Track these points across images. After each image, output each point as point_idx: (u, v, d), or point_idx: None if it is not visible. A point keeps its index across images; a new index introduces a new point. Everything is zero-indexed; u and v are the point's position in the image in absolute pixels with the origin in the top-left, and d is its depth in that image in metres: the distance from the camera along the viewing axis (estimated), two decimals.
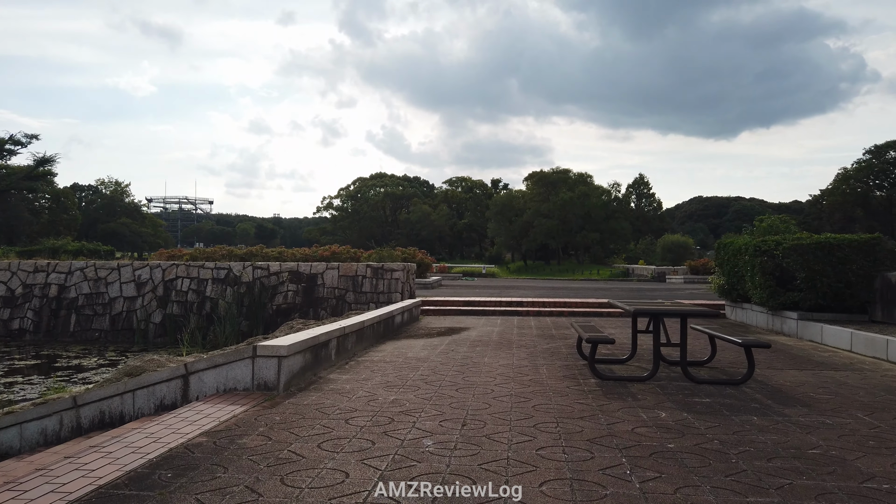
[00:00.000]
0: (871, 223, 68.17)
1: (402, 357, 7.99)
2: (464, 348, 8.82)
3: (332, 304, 14.25)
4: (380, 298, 14.21)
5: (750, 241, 11.93)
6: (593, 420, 4.78)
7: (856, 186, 70.67)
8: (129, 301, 14.78)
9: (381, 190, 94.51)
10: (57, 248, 38.82)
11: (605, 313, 14.32)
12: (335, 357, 7.34)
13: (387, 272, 14.34)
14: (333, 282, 14.40)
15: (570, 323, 11.87)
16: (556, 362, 7.62)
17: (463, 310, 14.49)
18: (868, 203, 69.96)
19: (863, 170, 71.35)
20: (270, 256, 20.50)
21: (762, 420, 4.86)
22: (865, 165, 71.35)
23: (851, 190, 70.43)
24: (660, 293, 21.43)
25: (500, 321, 12.91)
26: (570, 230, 55.71)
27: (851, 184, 70.83)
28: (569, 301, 15.46)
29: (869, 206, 70.07)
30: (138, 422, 5.18)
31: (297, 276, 14.48)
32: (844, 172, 72.41)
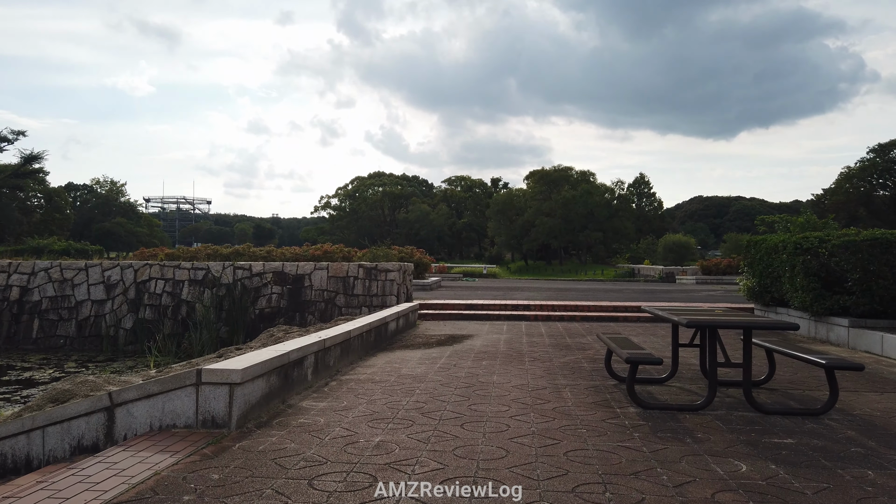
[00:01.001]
0: (875, 223, 67.23)
1: (394, 374, 6.67)
2: (468, 362, 7.52)
3: (321, 308, 12.93)
4: (373, 302, 12.90)
5: (788, 238, 10.63)
6: (652, 478, 3.46)
7: (859, 186, 69.56)
8: (98, 305, 13.46)
9: (380, 189, 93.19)
10: (41, 247, 37.44)
11: (621, 318, 13.01)
12: (312, 377, 6.03)
13: (381, 273, 13.02)
14: (322, 283, 13.08)
15: (585, 329, 10.59)
16: (579, 382, 6.30)
17: (465, 314, 13.17)
18: (871, 202, 68.86)
19: (866, 169, 70.27)
20: (258, 256, 19.17)
21: (881, 476, 3.55)
22: (869, 164, 70.25)
23: (855, 189, 69.30)
24: (675, 295, 20.12)
25: (506, 327, 11.60)
26: (573, 229, 54.34)
27: (855, 183, 69.70)
28: (580, 304, 14.14)
29: (872, 205, 68.95)
30: (34, 474, 3.86)
31: (281, 278, 13.16)
32: (848, 171, 71.30)
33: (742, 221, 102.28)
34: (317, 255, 19.09)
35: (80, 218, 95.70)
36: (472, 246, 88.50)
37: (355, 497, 3.13)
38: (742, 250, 12.68)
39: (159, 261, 14.42)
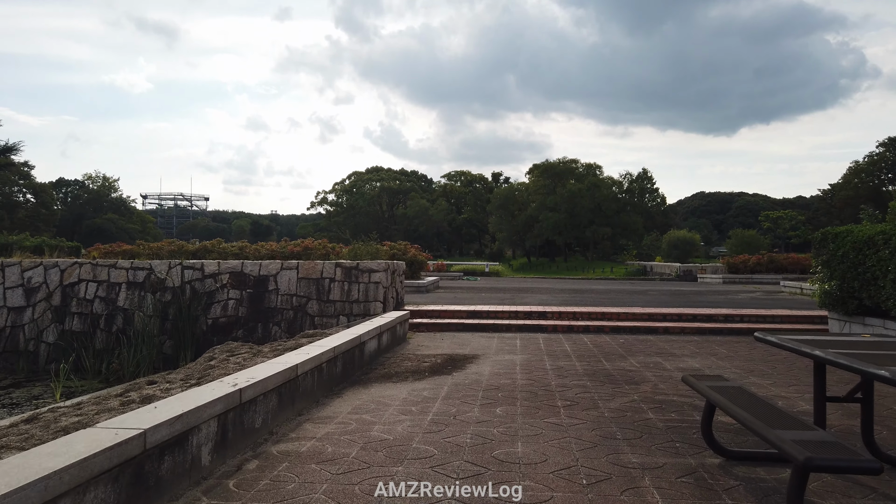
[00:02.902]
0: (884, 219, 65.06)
1: (359, 440, 4.18)
2: (474, 409, 5.04)
3: (289, 318, 10.44)
4: (353, 309, 10.42)
5: (891, 230, 8.12)
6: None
7: (868, 180, 67.36)
8: (15, 313, 10.95)
9: (378, 184, 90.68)
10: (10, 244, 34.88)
11: (660, 329, 10.52)
12: (214, 457, 3.54)
13: (363, 274, 10.53)
14: (290, 287, 10.58)
15: (621, 346, 7.91)
16: (660, 459, 3.82)
17: (467, 324, 10.68)
18: (879, 197, 66.76)
19: (875, 163, 68.21)
20: (228, 252, 16.66)
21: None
22: (878, 158, 68.15)
23: (863, 184, 67.06)
24: (711, 298, 17.57)
25: (520, 342, 9.12)
26: (579, 224, 51.63)
27: (863, 178, 67.45)
28: (607, 311, 11.63)
29: (881, 200, 66.91)
30: None
31: (240, 280, 10.65)
32: (856, 166, 69.27)
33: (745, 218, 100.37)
34: (296, 251, 16.57)
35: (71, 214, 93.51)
36: (473, 242, 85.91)
37: None
38: (816, 244, 10.18)
39: (90, 259, 11.92)
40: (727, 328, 10.53)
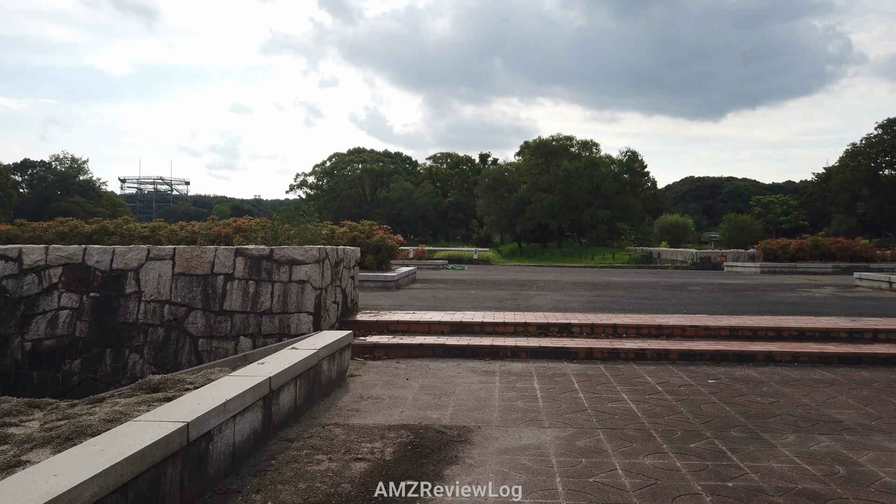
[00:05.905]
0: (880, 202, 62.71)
1: None
2: None
3: (157, 340, 6.34)
4: (262, 325, 6.36)
5: None
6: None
7: (865, 163, 64.35)
8: None
9: (360, 166, 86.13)
10: None
11: (759, 356, 6.56)
12: None
13: (280, 267, 6.44)
14: (162, 288, 6.51)
15: (722, 398, 3.91)
16: None
17: (449, 346, 6.68)
18: (876, 180, 63.74)
19: (873, 145, 65.22)
20: (135, 235, 12.47)
21: None
22: (876, 141, 65.13)
23: (860, 167, 64.04)
24: (782, 296, 13.63)
25: (539, 389, 5.15)
26: (576, 206, 47.48)
27: (860, 161, 64.35)
28: (665, 324, 7.62)
29: (878, 183, 63.92)
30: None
31: (80, 276, 6.58)
32: (853, 149, 66.20)
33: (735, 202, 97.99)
34: (224, 233, 12.42)
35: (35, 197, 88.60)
36: (459, 227, 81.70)
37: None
38: None
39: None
40: (865, 354, 6.60)
